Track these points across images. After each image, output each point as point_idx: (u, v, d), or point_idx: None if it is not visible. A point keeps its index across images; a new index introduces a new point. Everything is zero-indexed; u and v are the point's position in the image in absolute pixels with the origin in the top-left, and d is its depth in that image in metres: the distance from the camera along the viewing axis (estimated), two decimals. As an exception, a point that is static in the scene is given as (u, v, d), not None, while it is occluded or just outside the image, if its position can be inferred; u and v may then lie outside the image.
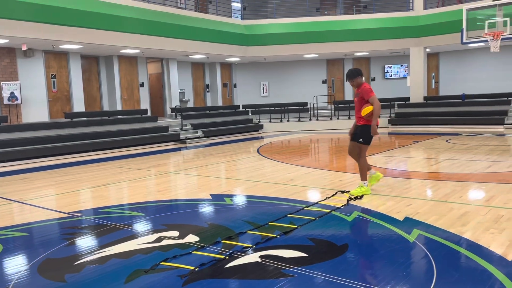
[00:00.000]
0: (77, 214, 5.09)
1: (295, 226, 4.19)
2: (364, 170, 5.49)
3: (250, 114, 17.77)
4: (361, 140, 5.44)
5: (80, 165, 9.41)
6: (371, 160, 8.51)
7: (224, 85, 20.13)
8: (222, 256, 3.46)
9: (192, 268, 3.24)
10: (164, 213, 5.03)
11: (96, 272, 3.26)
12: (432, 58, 19.87)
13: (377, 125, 5.41)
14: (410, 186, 5.94)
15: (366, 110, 5.31)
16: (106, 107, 15.32)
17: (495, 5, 12.54)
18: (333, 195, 5.49)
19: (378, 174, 5.73)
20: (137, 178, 7.44)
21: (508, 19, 12.25)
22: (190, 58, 17.87)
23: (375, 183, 5.72)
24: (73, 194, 6.34)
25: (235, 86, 20.78)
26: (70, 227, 4.59)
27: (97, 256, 3.60)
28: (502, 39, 12.38)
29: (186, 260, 3.40)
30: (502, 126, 14.12)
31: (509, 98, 15.45)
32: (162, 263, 3.36)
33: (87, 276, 3.19)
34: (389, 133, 14.35)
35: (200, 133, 14.38)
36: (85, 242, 4.06)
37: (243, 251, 3.56)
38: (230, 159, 9.71)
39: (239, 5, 19.65)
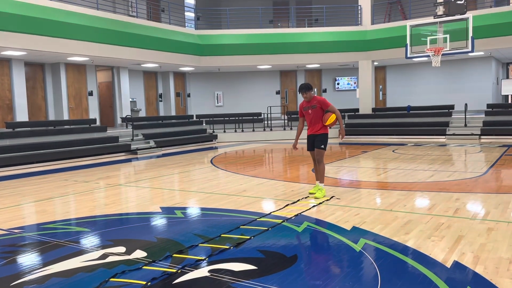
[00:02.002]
0: (16, 230, 4.80)
1: (246, 238, 4.17)
2: (324, 173, 6.04)
3: (204, 124, 17.66)
4: (322, 146, 5.93)
5: (22, 178, 8.91)
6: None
7: (177, 94, 19.91)
8: (174, 270, 3.39)
9: (144, 283, 3.15)
10: (111, 228, 4.86)
11: (35, 293, 3.07)
12: (380, 71, 20.74)
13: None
14: (359, 196, 6.11)
15: (331, 119, 5.80)
16: (52, 117, 14.67)
17: (436, 22, 13.30)
18: (294, 202, 5.67)
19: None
20: (84, 191, 7.15)
21: (448, 35, 13.02)
22: (142, 67, 17.54)
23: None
24: (13, 209, 5.98)
25: (189, 95, 20.61)
26: (8, 245, 4.32)
27: (37, 276, 3.40)
28: (443, 54, 13.13)
29: (135, 276, 3.29)
30: (444, 137, 14.92)
31: (450, 110, 16.37)
32: (111, 279, 3.24)
33: (24, 298, 3.01)
34: (339, 143, 14.74)
35: (152, 143, 14.09)
36: (25, 260, 3.83)
37: (192, 265, 3.50)
38: (182, 170, 9.57)
39: (192, 14, 19.59)
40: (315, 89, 21.02)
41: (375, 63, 18.89)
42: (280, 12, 21.69)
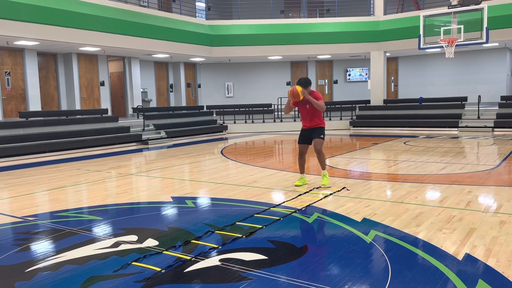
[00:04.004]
0: (30, 218, 4.89)
1: (257, 227, 4.19)
2: (325, 161, 6.19)
3: (214, 115, 17.68)
4: (322, 136, 6.07)
5: (36, 167, 9.04)
6: (332, 161, 8.67)
7: (188, 85, 19.94)
8: (188, 257, 3.43)
9: (159, 269, 3.21)
10: (123, 217, 4.91)
11: (49, 280, 3.13)
12: (392, 62, 20.51)
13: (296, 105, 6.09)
14: (369, 187, 6.09)
15: (300, 93, 5.78)
16: (64, 107, 14.81)
17: (450, 13, 13.08)
18: (305, 193, 5.75)
19: (305, 179, 6.36)
20: (96, 180, 7.23)
21: (462, 26, 12.80)
22: (153, 57, 17.58)
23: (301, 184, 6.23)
24: (27, 197, 6.08)
25: (199, 86, 20.62)
26: (23, 232, 4.40)
27: (50, 263, 3.46)
28: (456, 45, 12.93)
29: (151, 262, 3.34)
30: (456, 129, 14.75)
31: (463, 102, 16.16)
32: (133, 263, 3.36)
33: (38, 284, 3.07)
34: (350, 135, 14.66)
35: (163, 133, 14.17)
36: (38, 248, 3.90)
37: (203, 254, 3.54)
38: (193, 160, 9.62)
39: (203, 5, 19.52)
40: (326, 80, 20.89)
41: (387, 54, 18.68)
42: (291, 2, 21.50)
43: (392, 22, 17.09)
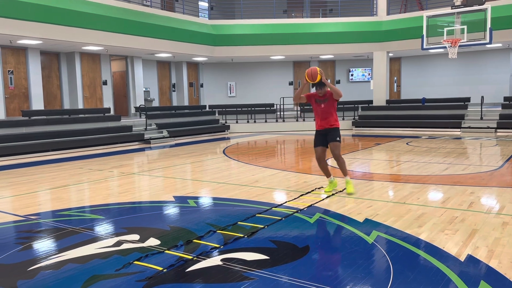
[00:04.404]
0: (33, 217, 4.90)
1: (259, 227, 4.19)
2: (345, 166, 5.78)
3: (216, 115, 17.69)
4: (338, 139, 5.70)
5: (38, 166, 9.06)
6: (334, 161, 8.65)
7: (190, 84, 19.95)
8: (190, 256, 3.44)
9: (161, 268, 3.21)
10: (125, 216, 4.92)
11: (51, 278, 3.14)
12: (395, 63, 20.48)
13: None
14: (371, 188, 6.08)
15: (319, 76, 5.41)
16: (67, 105, 14.84)
17: (453, 13, 13.04)
18: (307, 193, 5.74)
19: (335, 181, 5.92)
20: (98, 179, 7.24)
21: (465, 27, 12.77)
22: (156, 57, 17.60)
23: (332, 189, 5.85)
24: (29, 196, 6.10)
25: (201, 86, 20.63)
26: (25, 230, 4.41)
27: (52, 261, 3.47)
28: (460, 46, 12.90)
29: (153, 261, 3.34)
30: (459, 130, 14.72)
31: (465, 103, 16.12)
32: (135, 262, 3.36)
33: (41, 282, 3.08)
34: (352, 135, 14.64)
35: (165, 133, 14.18)
36: (41, 246, 3.91)
37: (205, 254, 3.54)
38: (195, 160, 9.63)
39: (206, 4, 19.53)
40: (329, 80, 20.85)
41: (390, 54, 18.65)
42: (294, 2, 21.49)
43: (395, 22, 17.07)
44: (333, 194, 5.64)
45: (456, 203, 5.06)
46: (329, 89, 5.55)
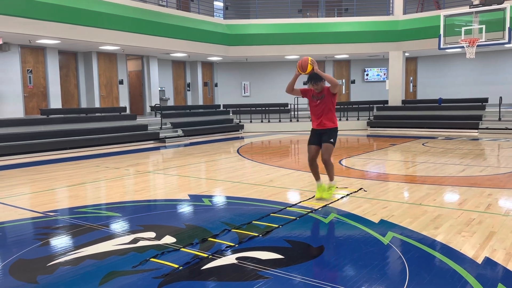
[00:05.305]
0: (51, 213, 5.00)
1: (274, 226, 4.20)
2: (333, 171, 5.53)
3: (230, 114, 17.75)
4: (332, 140, 5.34)
5: (56, 163, 9.23)
6: (349, 161, 8.62)
7: (205, 84, 20.05)
8: (205, 255, 3.47)
9: (176, 266, 3.25)
10: (141, 214, 4.98)
11: (70, 274, 3.20)
12: (411, 62, 20.26)
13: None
14: (387, 189, 6.04)
15: (309, 67, 5.04)
16: (84, 104, 15.06)
17: (471, 12, 12.86)
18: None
19: (324, 185, 5.53)
20: (115, 177, 7.34)
21: (483, 26, 12.58)
22: (171, 56, 17.74)
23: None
24: (47, 193, 6.21)
25: (216, 85, 20.72)
26: (44, 227, 4.50)
27: (71, 257, 3.54)
28: (478, 45, 12.71)
29: (169, 258, 3.39)
30: (476, 131, 14.50)
31: (483, 103, 15.87)
32: (151, 259, 3.41)
33: (60, 278, 3.14)
34: (367, 136, 14.54)
35: (180, 132, 14.29)
36: (59, 242, 3.99)
37: (220, 252, 3.56)
38: (209, 159, 9.68)
39: (221, 4, 19.60)
40: (344, 80, 20.74)
41: (406, 54, 18.46)
42: (309, 2, 21.42)
43: (411, 21, 16.88)
44: (348, 195, 5.62)
45: (473, 205, 5.00)
46: (326, 84, 5.18)
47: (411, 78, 20.45)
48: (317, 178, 5.51)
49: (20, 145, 10.24)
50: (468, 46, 12.72)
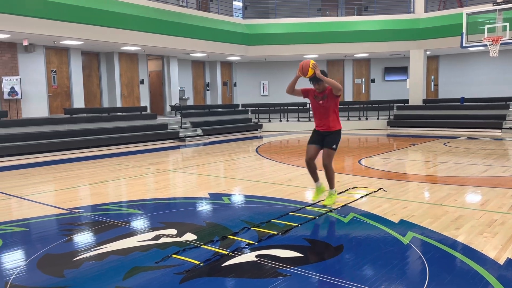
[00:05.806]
0: (76, 210, 5.14)
1: (293, 225, 4.24)
2: (334, 178, 5.22)
3: (249, 114, 17.82)
4: (334, 146, 5.05)
5: (79, 161, 9.45)
6: (369, 161, 8.57)
7: (224, 83, 20.17)
8: (226, 252, 3.53)
9: (198, 262, 3.32)
10: (162, 211, 5.08)
11: (95, 268, 3.31)
12: (432, 61, 19.94)
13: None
14: (407, 189, 5.99)
15: (310, 70, 4.83)
16: (106, 104, 15.34)
17: (495, 10, 12.59)
18: (341, 193, 5.50)
19: (323, 187, 5.39)
20: (136, 176, 7.48)
21: (507, 24, 12.30)
22: (191, 56, 17.90)
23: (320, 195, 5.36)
24: (71, 190, 6.38)
25: (235, 85, 20.81)
26: (68, 223, 4.64)
27: (95, 253, 3.65)
28: (501, 44, 12.44)
29: (190, 255, 3.46)
30: (500, 130, 14.19)
31: (507, 103, 15.53)
32: (173, 255, 3.50)
33: (85, 272, 3.24)
34: (387, 135, 14.40)
35: (199, 131, 14.43)
36: (84, 238, 4.11)
37: (240, 250, 3.62)
38: (228, 158, 9.76)
39: (240, 4, 19.68)
40: (363, 79, 20.56)
41: (428, 53, 18.18)
42: (328, 0, 21.31)
43: (433, 19, 16.63)
44: (367, 195, 5.60)
45: (496, 206, 4.93)
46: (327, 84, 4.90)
47: (433, 77, 20.13)
48: (315, 179, 5.29)
49: (45, 143, 10.52)
50: (492, 44, 12.45)
